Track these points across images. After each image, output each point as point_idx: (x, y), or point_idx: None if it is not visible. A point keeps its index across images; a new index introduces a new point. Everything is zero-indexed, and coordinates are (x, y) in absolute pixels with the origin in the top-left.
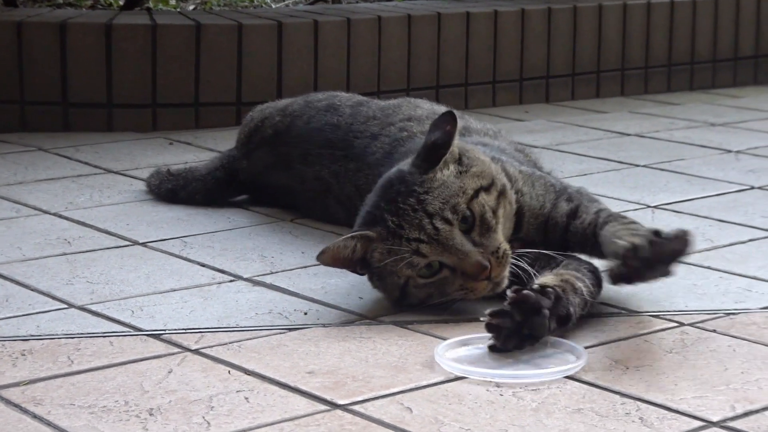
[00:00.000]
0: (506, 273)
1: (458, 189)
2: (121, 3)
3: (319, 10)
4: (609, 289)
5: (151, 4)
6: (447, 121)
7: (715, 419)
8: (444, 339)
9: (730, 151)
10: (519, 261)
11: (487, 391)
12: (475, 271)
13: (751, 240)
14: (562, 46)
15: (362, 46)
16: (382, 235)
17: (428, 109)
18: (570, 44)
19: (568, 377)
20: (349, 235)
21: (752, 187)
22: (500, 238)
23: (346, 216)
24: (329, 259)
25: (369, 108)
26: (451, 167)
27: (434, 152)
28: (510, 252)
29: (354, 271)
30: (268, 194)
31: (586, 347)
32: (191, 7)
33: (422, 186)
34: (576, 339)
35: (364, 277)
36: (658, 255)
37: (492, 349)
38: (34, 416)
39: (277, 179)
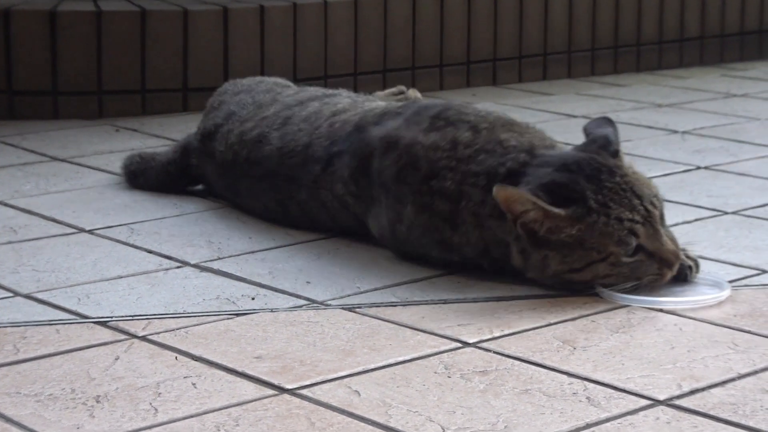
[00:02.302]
0: None
1: (647, 182)
2: None
3: None
4: None
5: None
6: (610, 123)
7: (661, 398)
8: (392, 322)
9: (676, 132)
10: None
11: (435, 373)
12: (674, 259)
13: (697, 219)
14: (508, 29)
15: (309, 30)
16: (578, 215)
17: (347, 100)
18: (516, 27)
19: (515, 358)
20: (534, 199)
21: (698, 167)
22: None
23: (309, 220)
24: (506, 196)
25: (293, 126)
26: (629, 162)
27: (609, 145)
28: None
29: (513, 221)
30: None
31: (533, 328)
32: None
33: (620, 169)
34: (524, 320)
35: (312, 262)
36: None
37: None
38: None
39: (230, 197)
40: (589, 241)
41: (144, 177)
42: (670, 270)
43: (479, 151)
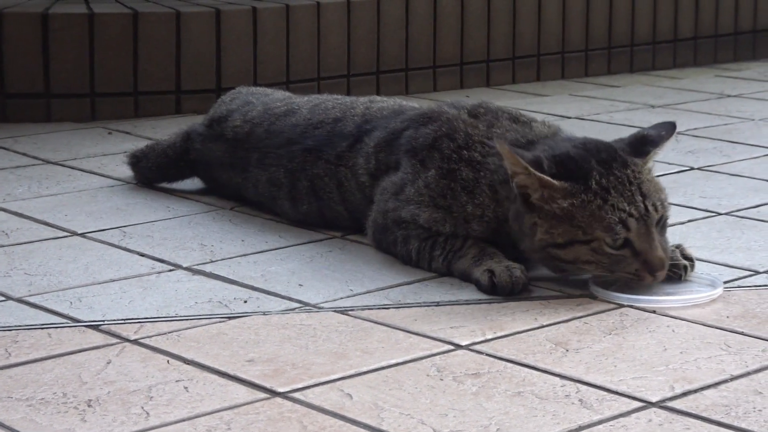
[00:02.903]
0: None
1: (659, 187)
2: None
3: None
4: (548, 273)
5: None
6: (665, 128)
7: (654, 400)
8: (385, 325)
9: None
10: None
11: (427, 376)
12: (659, 266)
13: (690, 221)
14: (502, 30)
15: (301, 32)
16: (575, 191)
17: (389, 101)
18: (510, 28)
19: (508, 360)
20: (526, 164)
21: (692, 168)
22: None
23: (296, 215)
24: (504, 152)
25: (327, 104)
26: (650, 166)
27: (642, 145)
28: None
29: (512, 177)
30: (214, 183)
31: (525, 330)
32: None
33: (636, 166)
34: (516, 322)
35: (305, 264)
36: None
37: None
38: None
39: (230, 178)
40: (578, 219)
41: (145, 160)
42: (650, 275)
43: (509, 130)
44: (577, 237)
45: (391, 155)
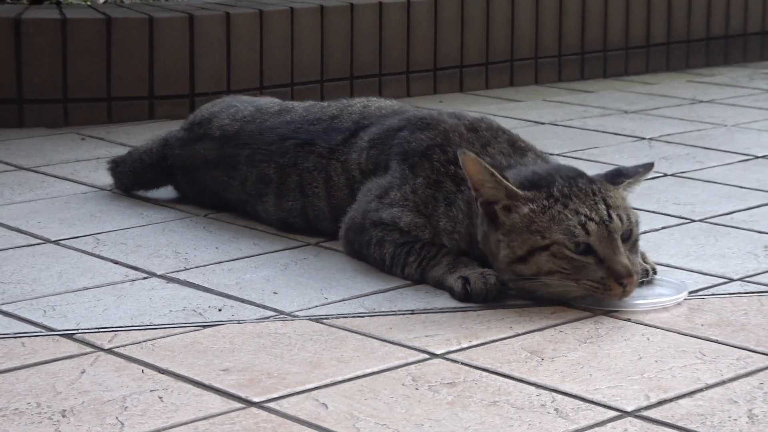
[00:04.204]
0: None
1: (629, 208)
2: None
3: (230, 2)
4: None
5: None
6: (643, 165)
7: (629, 409)
8: (360, 333)
9: (643, 139)
10: None
11: (403, 385)
12: (624, 273)
13: (664, 227)
14: (475, 35)
15: (275, 37)
16: (536, 197)
17: (388, 102)
18: (483, 33)
19: (483, 369)
20: (492, 170)
21: (665, 174)
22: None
23: (279, 212)
24: (468, 163)
25: (322, 104)
26: (624, 195)
27: (616, 176)
28: None
29: (476, 190)
30: (195, 187)
31: (501, 339)
32: (102, 1)
33: (603, 185)
34: (492, 330)
35: (279, 272)
36: None
37: None
38: None
39: (214, 177)
40: (537, 224)
41: (123, 165)
42: (617, 284)
43: (502, 152)
44: (536, 244)
45: (382, 154)
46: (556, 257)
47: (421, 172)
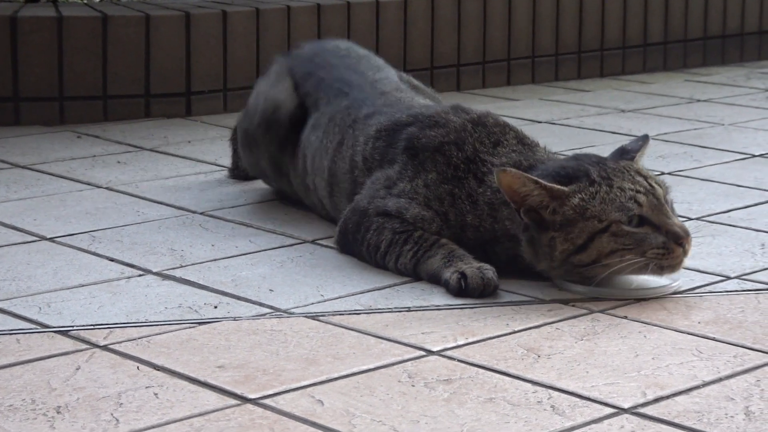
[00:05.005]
0: None
1: (651, 174)
2: None
3: (227, 0)
4: (521, 277)
5: None
6: (640, 139)
7: (626, 406)
8: (356, 330)
9: None
10: None
11: (399, 382)
12: (682, 234)
13: None
14: (472, 34)
15: (272, 36)
16: (580, 188)
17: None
18: (480, 32)
19: (479, 366)
20: (536, 179)
21: (662, 173)
22: None
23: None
24: (508, 180)
25: (392, 80)
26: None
27: (623, 155)
28: None
29: (518, 202)
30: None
31: (497, 336)
32: None
33: (626, 163)
34: (488, 327)
35: (275, 269)
36: None
37: None
38: None
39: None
40: (591, 210)
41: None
42: (678, 246)
43: (514, 150)
44: (594, 228)
45: (388, 148)
46: (617, 236)
47: (433, 167)
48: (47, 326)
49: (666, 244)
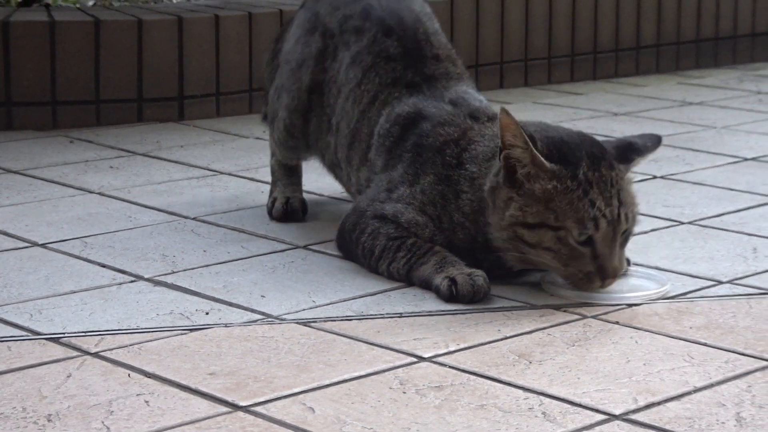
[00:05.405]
0: None
1: (633, 200)
2: (19, 0)
3: (219, 4)
4: (512, 283)
5: (50, 0)
6: (652, 140)
7: (617, 412)
8: (347, 337)
9: None
10: None
11: (390, 389)
12: (611, 274)
13: (653, 230)
14: (465, 37)
15: (264, 40)
16: (561, 175)
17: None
18: (473, 35)
19: (471, 372)
20: (528, 138)
21: (654, 177)
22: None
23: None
24: (505, 122)
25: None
26: (630, 176)
27: (627, 151)
28: None
29: (505, 147)
30: None
31: (489, 342)
32: (90, 3)
33: (620, 171)
34: (480, 333)
35: (267, 275)
36: None
37: None
38: None
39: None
40: (555, 204)
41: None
42: (600, 280)
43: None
44: (548, 221)
45: (403, 139)
46: (560, 241)
47: (431, 170)
48: (38, 333)
49: (590, 275)
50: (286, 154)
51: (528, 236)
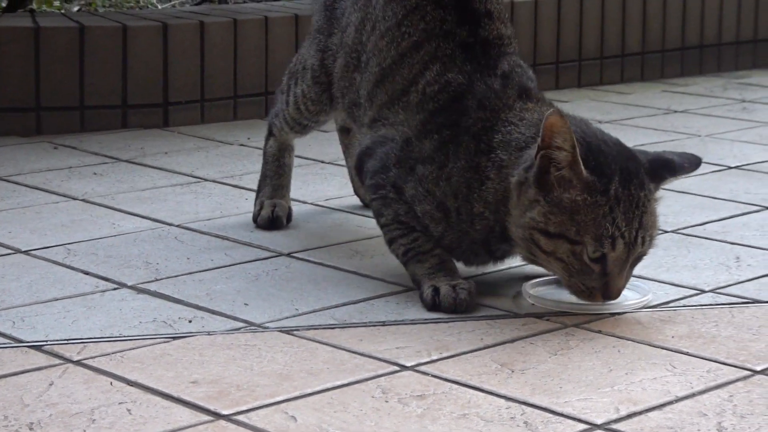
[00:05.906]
0: None
1: (655, 224)
2: (3, 5)
3: (205, 10)
4: (495, 291)
5: (35, 6)
6: (690, 161)
7: (599, 422)
8: (330, 345)
9: None
10: None
11: (372, 398)
12: (614, 295)
13: None
14: None
15: (249, 46)
16: (592, 188)
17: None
18: None
19: (453, 381)
20: (575, 144)
21: None
22: None
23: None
24: (555, 122)
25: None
26: (659, 195)
27: (661, 169)
28: None
29: (548, 147)
30: None
31: (471, 351)
32: (75, 9)
33: (649, 192)
34: (462, 342)
35: (250, 283)
36: None
37: None
38: None
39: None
40: (580, 217)
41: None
42: (600, 298)
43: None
44: (568, 233)
45: (446, 109)
46: (574, 255)
47: (464, 155)
48: (21, 341)
49: (593, 290)
50: (309, 107)
51: (544, 244)
